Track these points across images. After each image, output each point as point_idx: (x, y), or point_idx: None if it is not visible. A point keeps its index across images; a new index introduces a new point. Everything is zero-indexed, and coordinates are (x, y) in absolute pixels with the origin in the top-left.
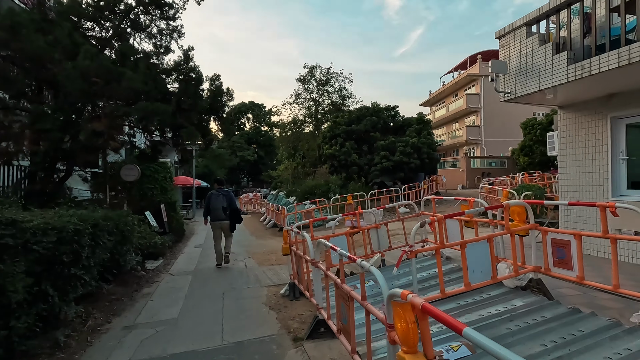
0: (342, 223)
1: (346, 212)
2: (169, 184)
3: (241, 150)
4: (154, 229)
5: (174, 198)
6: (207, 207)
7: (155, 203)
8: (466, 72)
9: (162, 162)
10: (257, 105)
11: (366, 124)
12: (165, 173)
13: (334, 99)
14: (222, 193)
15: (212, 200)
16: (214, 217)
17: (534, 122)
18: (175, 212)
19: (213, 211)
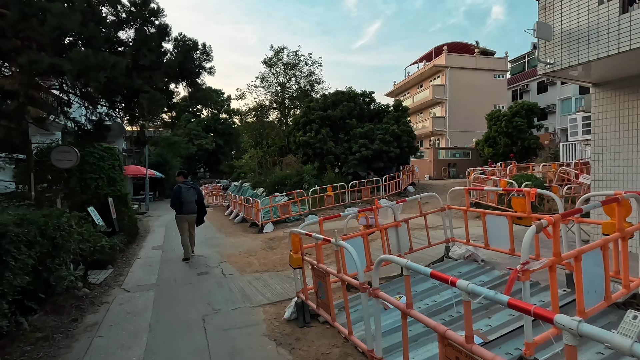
0: (345, 219)
1: (327, 203)
2: (119, 174)
3: (198, 138)
4: (100, 228)
5: (124, 190)
6: (179, 200)
7: (102, 197)
8: (432, 63)
9: (109, 147)
10: (215, 91)
11: (342, 110)
12: (114, 160)
13: (303, 85)
14: (191, 186)
15: (184, 193)
16: (186, 211)
17: (499, 114)
18: (127, 207)
19: (186, 204)
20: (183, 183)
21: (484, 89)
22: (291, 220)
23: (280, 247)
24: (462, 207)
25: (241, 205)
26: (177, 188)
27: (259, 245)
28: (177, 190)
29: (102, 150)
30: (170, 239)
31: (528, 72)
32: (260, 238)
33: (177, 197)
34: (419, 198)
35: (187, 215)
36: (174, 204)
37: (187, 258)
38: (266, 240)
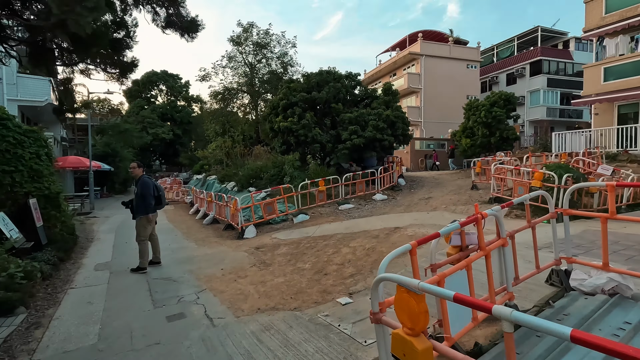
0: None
1: (318, 200)
2: (46, 166)
3: (153, 127)
4: (13, 244)
5: (55, 188)
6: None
7: (20, 197)
8: (407, 50)
9: (30, 130)
10: (171, 75)
11: (329, 92)
12: (39, 147)
13: (275, 67)
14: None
15: (159, 186)
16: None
17: (478, 104)
18: (60, 209)
19: (162, 198)
20: (147, 175)
21: (458, 79)
22: (276, 222)
23: (276, 261)
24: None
25: (210, 203)
26: (150, 180)
27: (245, 258)
28: (152, 182)
29: (20, 134)
30: (122, 251)
31: (497, 64)
32: (243, 247)
33: (152, 190)
34: (526, 200)
35: (154, 214)
36: (148, 200)
37: (142, 268)
38: (252, 250)
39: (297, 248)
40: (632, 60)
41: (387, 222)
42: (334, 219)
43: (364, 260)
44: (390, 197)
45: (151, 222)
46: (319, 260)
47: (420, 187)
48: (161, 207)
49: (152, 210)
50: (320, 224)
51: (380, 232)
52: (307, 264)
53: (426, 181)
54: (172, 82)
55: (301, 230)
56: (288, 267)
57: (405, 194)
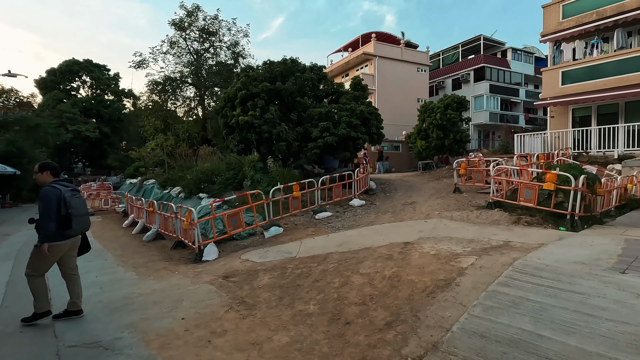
0: None
1: (292, 208)
2: None
3: (74, 123)
4: None
5: None
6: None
7: None
8: (362, 50)
9: None
10: (97, 65)
11: (295, 83)
12: None
13: (224, 57)
14: (74, 188)
15: (73, 200)
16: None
17: (433, 106)
18: None
19: (78, 218)
20: (57, 183)
21: (409, 82)
22: (242, 237)
23: (262, 300)
24: None
25: (152, 214)
26: (55, 191)
27: (214, 296)
28: (57, 194)
29: None
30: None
31: (443, 69)
32: (205, 276)
33: (61, 206)
34: None
35: (70, 240)
36: (50, 220)
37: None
38: (220, 281)
39: (284, 276)
40: (587, 65)
41: (387, 235)
42: (314, 231)
43: (393, 297)
44: (368, 203)
45: (56, 254)
46: (326, 298)
47: (394, 191)
48: (73, 231)
49: (57, 238)
50: (301, 239)
51: (389, 249)
52: (312, 304)
53: (395, 184)
54: (98, 74)
55: (278, 248)
56: (284, 311)
57: (382, 198)
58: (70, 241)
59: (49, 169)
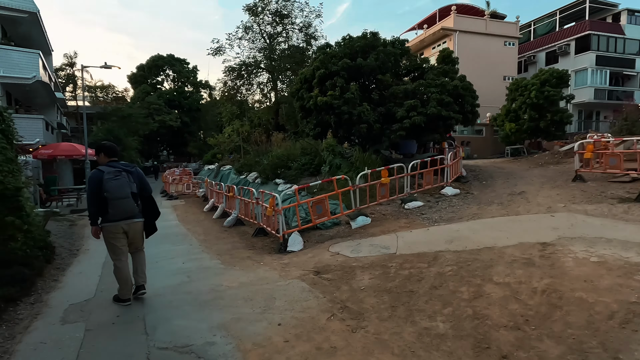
0: None
1: (380, 196)
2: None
3: (160, 113)
4: None
5: (13, 181)
6: (100, 197)
7: None
8: (439, 25)
9: None
10: (178, 60)
11: (377, 59)
12: None
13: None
14: (123, 169)
15: (110, 183)
16: (118, 214)
17: (527, 83)
18: (20, 213)
19: (115, 203)
20: (108, 165)
21: (494, 58)
22: (326, 226)
23: (369, 307)
24: None
25: (232, 199)
26: (96, 176)
27: (309, 297)
28: (97, 177)
29: None
30: None
31: (534, 42)
32: (294, 270)
33: (95, 191)
34: None
35: (122, 223)
36: (91, 203)
37: (121, 300)
38: (312, 277)
39: (388, 278)
40: None
41: (509, 232)
42: (407, 223)
43: (561, 321)
44: (463, 192)
45: (118, 233)
46: (458, 314)
47: (491, 179)
48: (111, 215)
49: (110, 218)
50: (395, 232)
51: (523, 251)
52: (439, 320)
53: (487, 171)
54: (179, 67)
55: (371, 241)
56: (404, 327)
57: (478, 187)
58: (124, 224)
59: (102, 150)
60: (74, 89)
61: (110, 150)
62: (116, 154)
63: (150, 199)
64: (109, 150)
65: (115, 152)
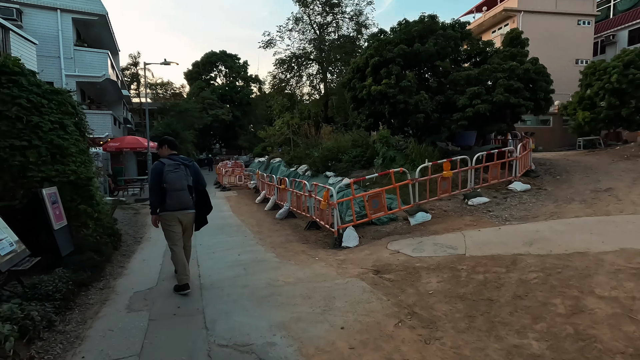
0: None
1: (441, 190)
2: (74, 141)
3: (213, 108)
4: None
5: (85, 172)
6: (160, 187)
7: (32, 184)
8: (501, 6)
9: (53, 89)
10: (230, 55)
11: (436, 44)
12: (64, 114)
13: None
14: (181, 162)
15: (170, 175)
16: (175, 205)
17: (607, 66)
18: (92, 201)
19: (173, 194)
20: (169, 157)
21: (564, 40)
22: (382, 222)
23: (441, 315)
24: None
25: (283, 192)
26: (157, 167)
27: (371, 298)
28: (155, 171)
29: (39, 95)
30: None
31: (614, 19)
32: (351, 267)
33: (156, 181)
34: None
35: (177, 213)
36: (151, 193)
37: (181, 286)
38: (371, 276)
39: (459, 282)
40: None
41: (603, 235)
42: (473, 220)
43: None
44: (535, 187)
45: (173, 221)
46: (554, 332)
47: (566, 173)
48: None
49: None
50: (461, 230)
51: (628, 260)
52: (530, 336)
53: (561, 165)
54: (230, 62)
55: (434, 240)
56: (487, 342)
57: (552, 182)
58: (183, 214)
59: (165, 143)
60: (137, 86)
61: (171, 143)
62: (176, 147)
63: (204, 192)
64: (171, 143)
65: (176, 145)
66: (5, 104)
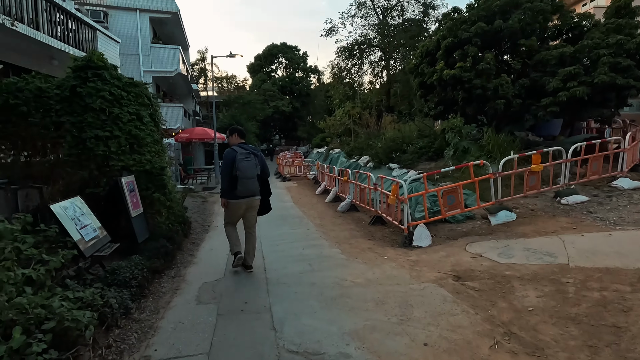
0: None
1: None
2: (149, 131)
3: (274, 99)
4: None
5: (159, 162)
6: (232, 175)
7: (113, 173)
8: None
9: (131, 82)
10: (290, 47)
11: (521, 19)
12: (141, 105)
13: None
14: (251, 151)
15: (242, 163)
16: (244, 192)
17: None
18: (164, 190)
19: (244, 181)
20: (239, 146)
21: None
22: (457, 220)
23: (550, 340)
24: None
25: (345, 184)
26: (232, 152)
27: (455, 312)
28: (228, 158)
29: (119, 87)
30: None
31: None
32: (426, 270)
33: (228, 168)
34: None
35: (245, 200)
36: (223, 178)
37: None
38: (452, 283)
39: (568, 300)
40: None
41: None
42: (571, 223)
43: None
44: None
45: (240, 207)
46: None
47: None
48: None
49: (236, 195)
50: (557, 234)
51: None
52: None
53: None
54: (290, 54)
55: (524, 244)
56: None
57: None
58: (245, 201)
59: (236, 131)
60: (205, 80)
61: (240, 132)
62: (245, 136)
63: (266, 182)
64: (240, 132)
65: (244, 134)
66: (91, 96)
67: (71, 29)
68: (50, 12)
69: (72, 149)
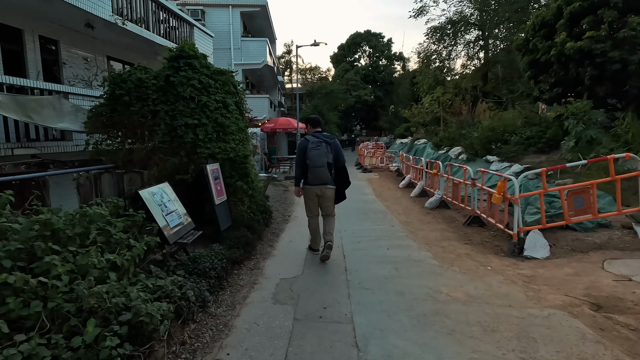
0: None
1: None
2: (235, 119)
3: (357, 89)
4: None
5: (243, 150)
6: (303, 162)
7: (200, 160)
8: None
9: (219, 70)
10: (374, 34)
11: None
12: (227, 93)
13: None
14: (323, 140)
15: (312, 152)
16: (314, 180)
17: None
18: (247, 179)
19: (313, 170)
20: (313, 135)
21: None
22: (586, 228)
23: None
24: None
25: (433, 178)
26: (302, 143)
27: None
28: (299, 146)
29: (207, 76)
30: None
31: None
32: (548, 291)
33: (300, 157)
34: None
35: (316, 188)
36: (297, 167)
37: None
38: (589, 313)
39: None
40: None
41: None
42: None
43: None
44: None
45: (312, 195)
46: None
47: None
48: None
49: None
50: None
51: None
52: None
53: None
54: (374, 42)
55: None
56: None
57: None
58: (320, 189)
59: (309, 122)
60: (290, 73)
61: (314, 121)
62: (319, 124)
63: (343, 169)
64: (313, 121)
65: (318, 123)
66: (182, 85)
67: (172, 26)
68: (157, 11)
69: (165, 136)
